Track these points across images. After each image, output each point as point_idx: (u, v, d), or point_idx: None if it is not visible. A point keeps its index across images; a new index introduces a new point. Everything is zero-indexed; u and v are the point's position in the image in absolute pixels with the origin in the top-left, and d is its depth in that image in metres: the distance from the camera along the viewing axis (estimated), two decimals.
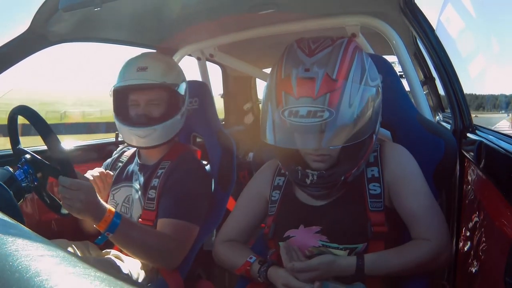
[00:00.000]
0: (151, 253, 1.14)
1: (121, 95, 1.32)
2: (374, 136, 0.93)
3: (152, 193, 1.27)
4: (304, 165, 0.96)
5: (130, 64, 1.30)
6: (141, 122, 1.27)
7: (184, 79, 1.38)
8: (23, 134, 1.12)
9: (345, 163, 0.93)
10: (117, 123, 1.31)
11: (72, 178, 0.98)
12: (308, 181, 0.92)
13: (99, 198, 1.04)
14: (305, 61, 0.85)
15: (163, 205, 1.23)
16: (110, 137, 1.88)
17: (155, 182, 1.28)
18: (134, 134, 1.27)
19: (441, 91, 2.41)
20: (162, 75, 1.28)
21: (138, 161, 1.40)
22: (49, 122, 1.02)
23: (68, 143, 1.75)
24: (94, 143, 1.82)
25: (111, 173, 1.40)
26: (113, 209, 1.06)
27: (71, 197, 0.97)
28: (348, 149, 0.91)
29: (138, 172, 1.36)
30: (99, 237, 1.05)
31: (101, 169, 1.34)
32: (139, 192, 1.30)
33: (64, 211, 1.07)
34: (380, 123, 0.95)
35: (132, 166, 1.40)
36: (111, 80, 1.34)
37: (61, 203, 1.09)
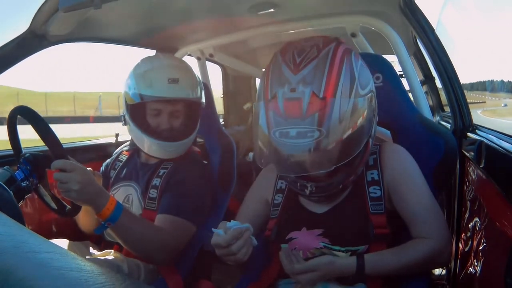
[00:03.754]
0: (147, 247, 1.11)
1: (143, 103, 1.28)
2: (371, 140, 0.93)
3: (153, 193, 1.27)
4: None
5: (158, 72, 1.28)
6: (169, 137, 1.27)
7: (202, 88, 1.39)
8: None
9: (342, 170, 0.91)
10: (137, 133, 1.29)
11: (65, 160, 0.95)
12: (307, 192, 0.93)
13: (99, 183, 1.02)
14: (291, 79, 0.83)
15: (164, 202, 1.23)
16: None
17: (156, 181, 1.28)
18: (162, 147, 1.28)
19: (441, 91, 2.40)
20: (192, 89, 1.31)
21: (139, 160, 1.40)
22: None
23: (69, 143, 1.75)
24: (94, 143, 1.82)
25: (100, 175, 1.40)
26: (115, 199, 1.04)
27: (67, 179, 0.94)
28: (344, 154, 0.89)
29: (139, 171, 1.36)
30: (98, 226, 1.02)
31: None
32: (139, 191, 1.30)
33: (67, 208, 1.06)
34: (375, 125, 0.95)
35: (132, 166, 1.40)
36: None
37: (59, 197, 1.08)
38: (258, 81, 3.00)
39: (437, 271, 1.36)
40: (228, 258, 0.86)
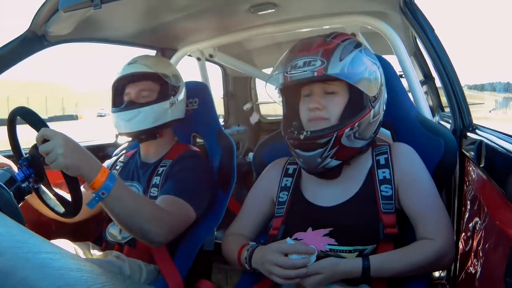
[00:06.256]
0: (143, 223, 1.02)
1: (116, 90, 1.36)
2: (372, 107, 0.95)
3: (154, 191, 1.26)
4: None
5: (124, 64, 1.35)
6: (127, 107, 1.30)
7: (176, 74, 1.39)
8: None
9: (338, 121, 0.96)
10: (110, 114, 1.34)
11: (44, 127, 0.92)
12: (302, 136, 0.94)
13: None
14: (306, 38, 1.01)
15: (164, 188, 1.22)
16: None
17: (156, 180, 1.28)
18: (120, 118, 1.30)
19: (440, 91, 2.40)
20: (150, 66, 1.32)
21: (139, 160, 1.40)
22: None
23: None
24: (94, 144, 1.82)
25: None
26: (107, 168, 0.98)
27: (50, 147, 0.89)
28: (344, 115, 0.95)
29: (139, 171, 1.36)
30: (91, 199, 0.95)
31: None
32: (141, 191, 1.30)
33: (68, 208, 1.06)
34: (383, 104, 1.01)
35: (133, 166, 1.40)
36: None
37: (55, 190, 1.08)
38: (258, 81, 3.00)
39: (437, 272, 1.36)
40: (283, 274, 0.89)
